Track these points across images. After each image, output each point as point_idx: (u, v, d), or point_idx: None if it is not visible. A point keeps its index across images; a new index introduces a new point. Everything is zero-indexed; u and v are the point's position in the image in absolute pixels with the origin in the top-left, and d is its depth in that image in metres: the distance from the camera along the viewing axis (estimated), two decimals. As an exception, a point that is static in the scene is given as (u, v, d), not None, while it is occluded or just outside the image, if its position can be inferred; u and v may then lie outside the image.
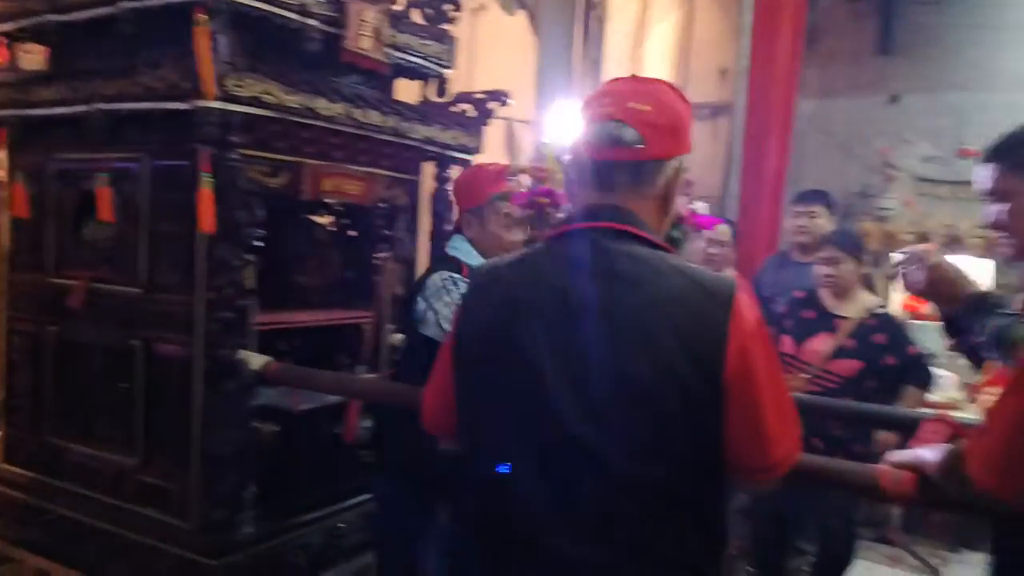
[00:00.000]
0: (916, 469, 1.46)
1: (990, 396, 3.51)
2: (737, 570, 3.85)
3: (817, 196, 4.31)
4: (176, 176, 2.55)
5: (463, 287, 2.26)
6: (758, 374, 1.35)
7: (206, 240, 2.45)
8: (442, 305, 2.34)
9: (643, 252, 1.40)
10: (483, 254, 2.51)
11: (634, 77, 1.55)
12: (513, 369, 1.40)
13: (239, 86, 2.36)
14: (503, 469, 1.41)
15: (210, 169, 2.38)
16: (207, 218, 2.38)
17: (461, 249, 2.56)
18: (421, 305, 2.41)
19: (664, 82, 1.51)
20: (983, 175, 1.76)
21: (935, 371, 3.78)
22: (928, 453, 1.45)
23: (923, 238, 4.84)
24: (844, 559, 3.47)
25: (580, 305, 1.37)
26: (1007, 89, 5.76)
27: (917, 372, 3.42)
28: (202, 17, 2.30)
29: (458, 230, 2.62)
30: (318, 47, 2.72)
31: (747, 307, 1.36)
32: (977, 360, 1.94)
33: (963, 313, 1.84)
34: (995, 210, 1.72)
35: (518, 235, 2.54)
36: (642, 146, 1.41)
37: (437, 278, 2.41)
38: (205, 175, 2.37)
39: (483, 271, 1.59)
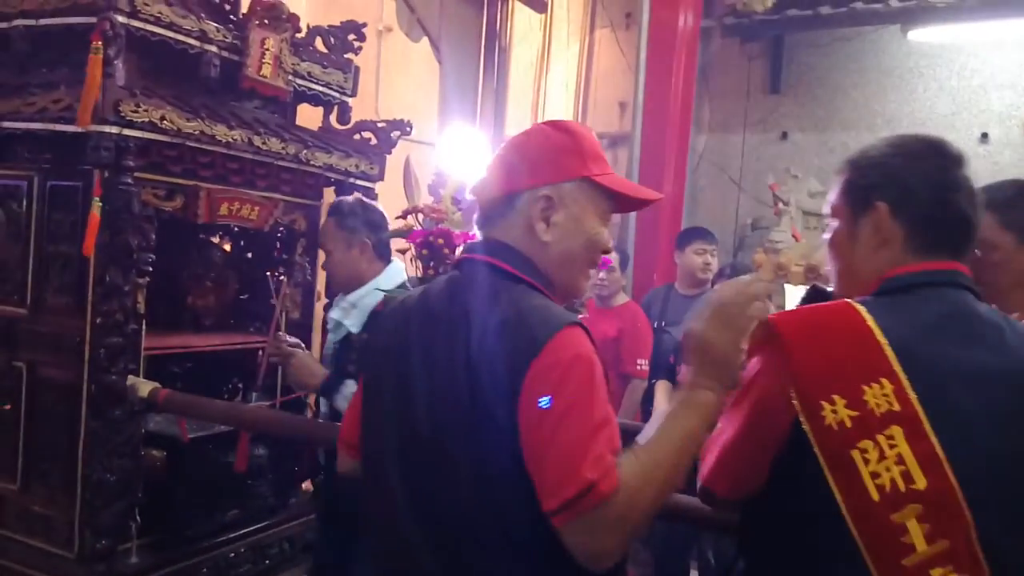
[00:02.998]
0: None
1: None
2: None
3: (713, 235, 4.56)
4: (68, 197, 2.51)
5: None
6: (551, 411, 1.31)
7: (97, 263, 2.42)
8: None
9: (488, 283, 1.48)
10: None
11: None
12: (393, 389, 1.50)
13: (135, 111, 2.35)
14: (375, 489, 1.51)
15: (101, 193, 2.35)
16: (90, 241, 2.37)
17: None
18: None
19: (547, 122, 1.60)
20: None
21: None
22: None
23: (811, 269, 5.05)
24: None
25: (433, 332, 1.47)
26: (888, 129, 6.13)
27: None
28: (96, 45, 2.28)
29: None
30: (217, 73, 2.72)
31: (566, 344, 1.35)
32: None
33: None
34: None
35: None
36: (501, 185, 1.53)
37: None
38: (96, 199, 2.35)
39: (392, 299, 1.72)
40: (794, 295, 5.05)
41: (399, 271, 2.67)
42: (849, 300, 1.34)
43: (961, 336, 1.29)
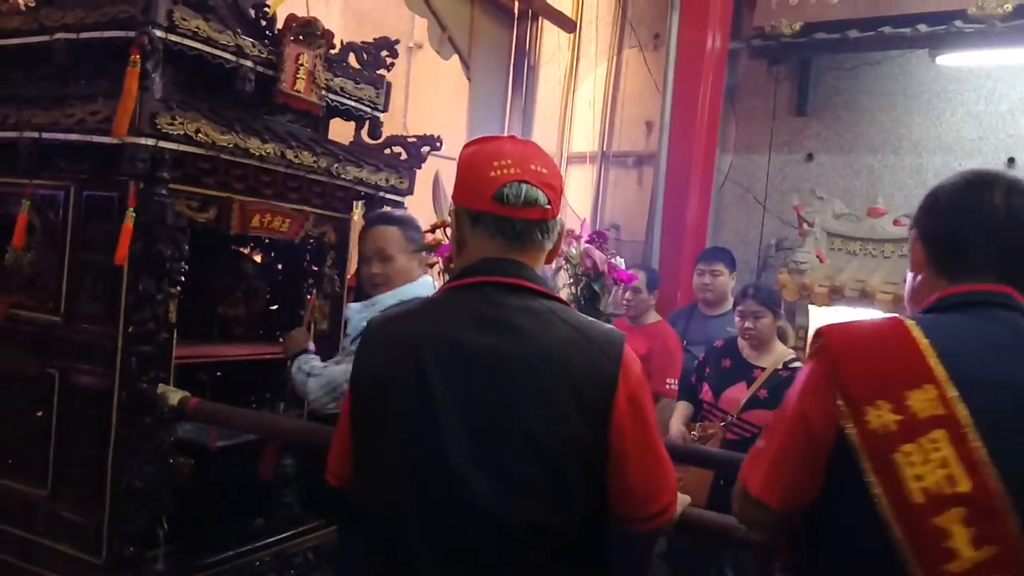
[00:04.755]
0: None
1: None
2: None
3: (719, 254, 4.59)
4: (103, 207, 2.56)
5: None
6: (646, 424, 1.46)
7: (130, 272, 2.46)
8: None
9: (536, 305, 1.49)
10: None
11: (513, 138, 1.63)
12: (407, 414, 1.45)
13: (171, 124, 2.39)
14: (389, 510, 1.47)
15: (135, 203, 2.40)
16: (123, 250, 2.40)
17: None
18: None
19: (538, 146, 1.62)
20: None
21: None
22: None
23: (836, 290, 5.03)
24: None
25: (473, 355, 1.43)
26: (914, 152, 6.10)
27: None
28: (134, 58, 2.33)
29: None
30: (252, 87, 2.76)
31: (633, 360, 1.47)
32: None
33: None
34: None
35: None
36: (549, 207, 1.52)
37: None
38: (129, 209, 2.39)
39: (379, 320, 1.63)
40: (819, 317, 5.06)
41: (428, 285, 2.71)
42: (899, 316, 1.40)
43: (1008, 349, 1.32)
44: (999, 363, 1.30)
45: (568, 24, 7.10)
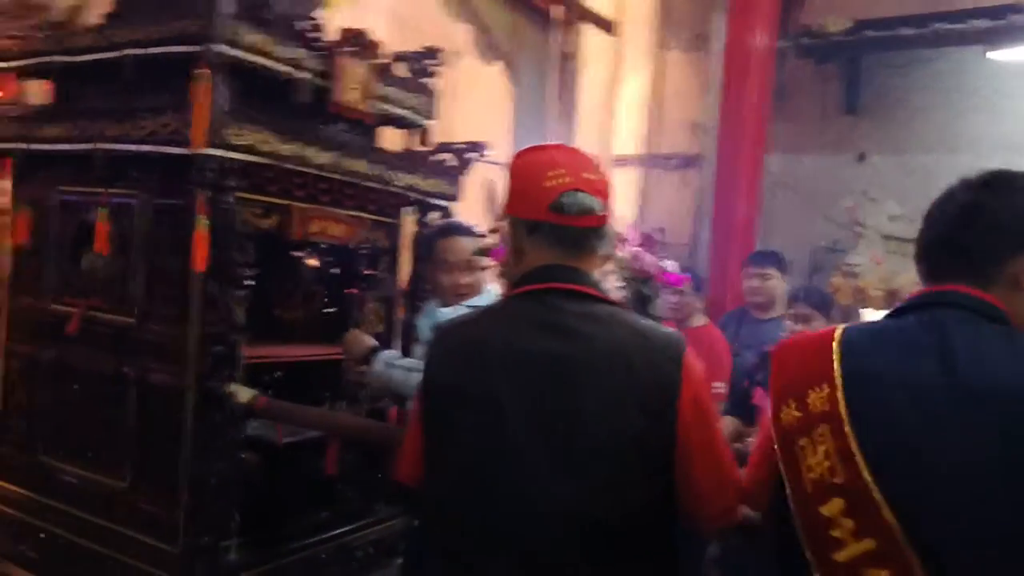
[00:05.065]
0: None
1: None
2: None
3: (769, 258, 4.56)
4: (173, 214, 2.68)
5: None
6: (710, 423, 1.53)
7: (200, 276, 2.58)
8: None
9: (596, 310, 1.56)
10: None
11: (562, 147, 1.71)
12: (476, 420, 1.53)
13: (237, 135, 2.51)
14: (463, 511, 1.55)
15: (205, 211, 2.52)
16: (200, 258, 2.52)
17: None
18: None
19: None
20: None
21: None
22: None
23: (892, 294, 5.00)
24: None
25: (538, 360, 1.51)
26: (970, 151, 6.00)
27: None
28: (203, 72, 2.45)
29: None
30: (308, 98, 2.87)
31: (695, 361, 1.55)
32: None
33: None
34: None
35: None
36: (604, 213, 1.59)
37: None
38: (201, 217, 2.52)
39: (446, 328, 1.72)
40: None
41: (494, 295, 2.81)
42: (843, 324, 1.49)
43: (921, 348, 1.35)
44: (901, 361, 1.34)
45: (610, 27, 7.15)
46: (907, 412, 1.29)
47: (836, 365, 1.36)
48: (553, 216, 1.57)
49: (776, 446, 1.37)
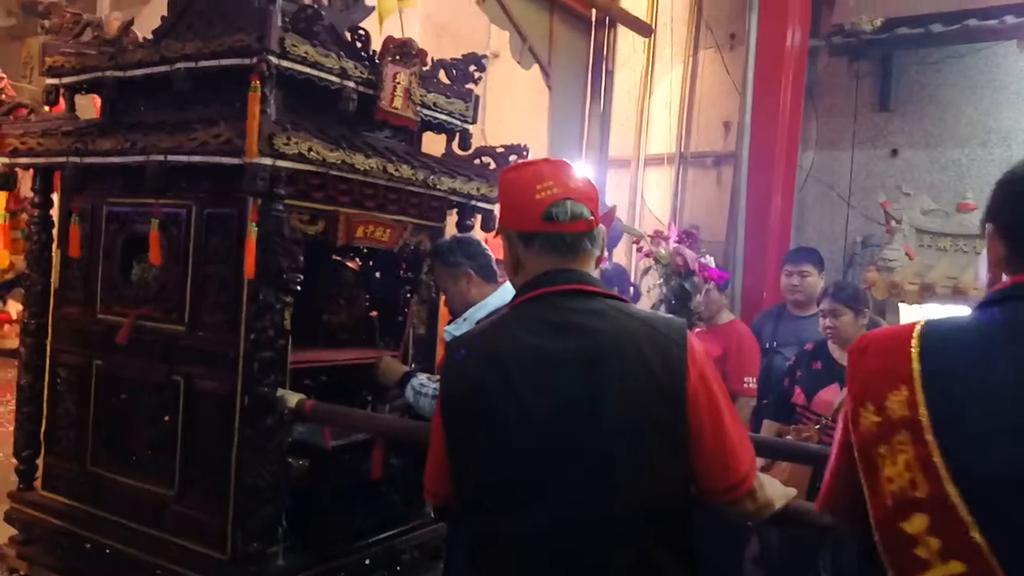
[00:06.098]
0: None
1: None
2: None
3: (807, 255, 4.58)
4: (223, 223, 2.73)
5: None
6: (717, 398, 1.56)
7: (250, 283, 2.62)
8: None
9: (600, 305, 1.63)
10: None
11: (548, 160, 1.80)
12: (502, 421, 1.57)
13: (287, 144, 2.55)
14: (497, 513, 1.58)
15: (257, 219, 2.56)
16: (250, 264, 2.56)
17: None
18: None
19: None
20: None
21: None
22: None
23: (927, 288, 4.97)
24: None
25: (554, 358, 1.56)
26: (1003, 145, 6.00)
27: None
28: (255, 84, 2.49)
29: None
30: (355, 106, 2.91)
31: (695, 340, 1.61)
32: None
33: None
34: None
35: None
36: (592, 218, 1.67)
37: None
38: (252, 224, 2.56)
39: (458, 343, 1.78)
40: (909, 315, 5.00)
41: (510, 292, 2.82)
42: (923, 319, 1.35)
43: (998, 343, 1.25)
44: (980, 362, 1.23)
45: (644, 28, 7.16)
46: (990, 419, 1.17)
47: (915, 364, 1.23)
48: (546, 225, 1.66)
49: (855, 453, 1.26)
